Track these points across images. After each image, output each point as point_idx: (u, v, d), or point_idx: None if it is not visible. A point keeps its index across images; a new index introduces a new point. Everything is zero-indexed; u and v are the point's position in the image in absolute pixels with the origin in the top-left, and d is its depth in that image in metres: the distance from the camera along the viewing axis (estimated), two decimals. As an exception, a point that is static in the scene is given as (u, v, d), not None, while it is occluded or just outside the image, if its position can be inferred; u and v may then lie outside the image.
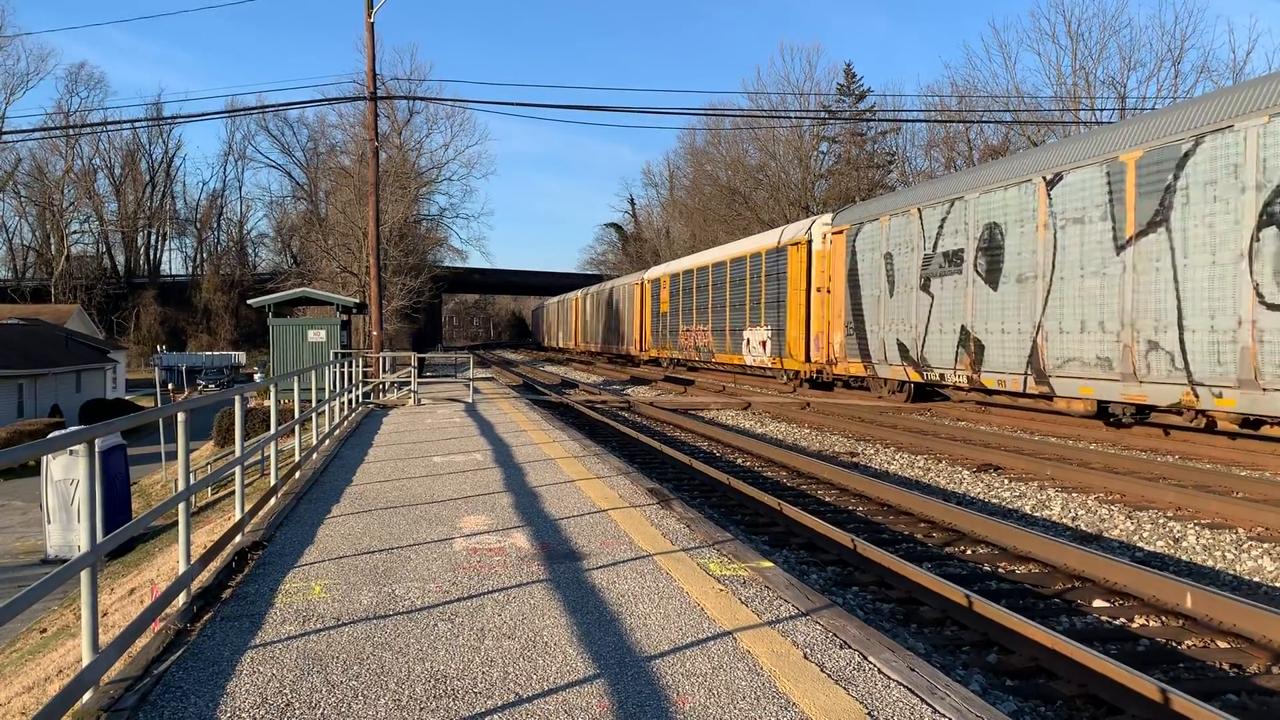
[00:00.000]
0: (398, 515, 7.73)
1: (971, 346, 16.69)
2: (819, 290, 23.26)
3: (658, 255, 71.74)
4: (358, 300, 32.00)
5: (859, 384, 23.26)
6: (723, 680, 4.05)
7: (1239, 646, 5.76)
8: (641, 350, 42.77)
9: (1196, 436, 14.21)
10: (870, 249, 20.68)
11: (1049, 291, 14.62)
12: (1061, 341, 14.26)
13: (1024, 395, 15.84)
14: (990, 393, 17.29)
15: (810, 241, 23.86)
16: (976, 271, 16.63)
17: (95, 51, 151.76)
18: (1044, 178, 14.83)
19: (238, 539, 6.82)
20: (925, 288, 18.31)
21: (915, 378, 19.04)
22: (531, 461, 10.85)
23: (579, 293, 61.56)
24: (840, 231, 22.24)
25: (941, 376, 17.87)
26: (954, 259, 17.39)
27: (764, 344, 26.57)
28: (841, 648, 4.47)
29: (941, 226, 17.87)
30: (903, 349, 19.12)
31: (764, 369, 27.68)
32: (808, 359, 23.87)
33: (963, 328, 16.97)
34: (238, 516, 7.09)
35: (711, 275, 31.82)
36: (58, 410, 42.10)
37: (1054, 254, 14.50)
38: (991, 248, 16.24)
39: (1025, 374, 15.16)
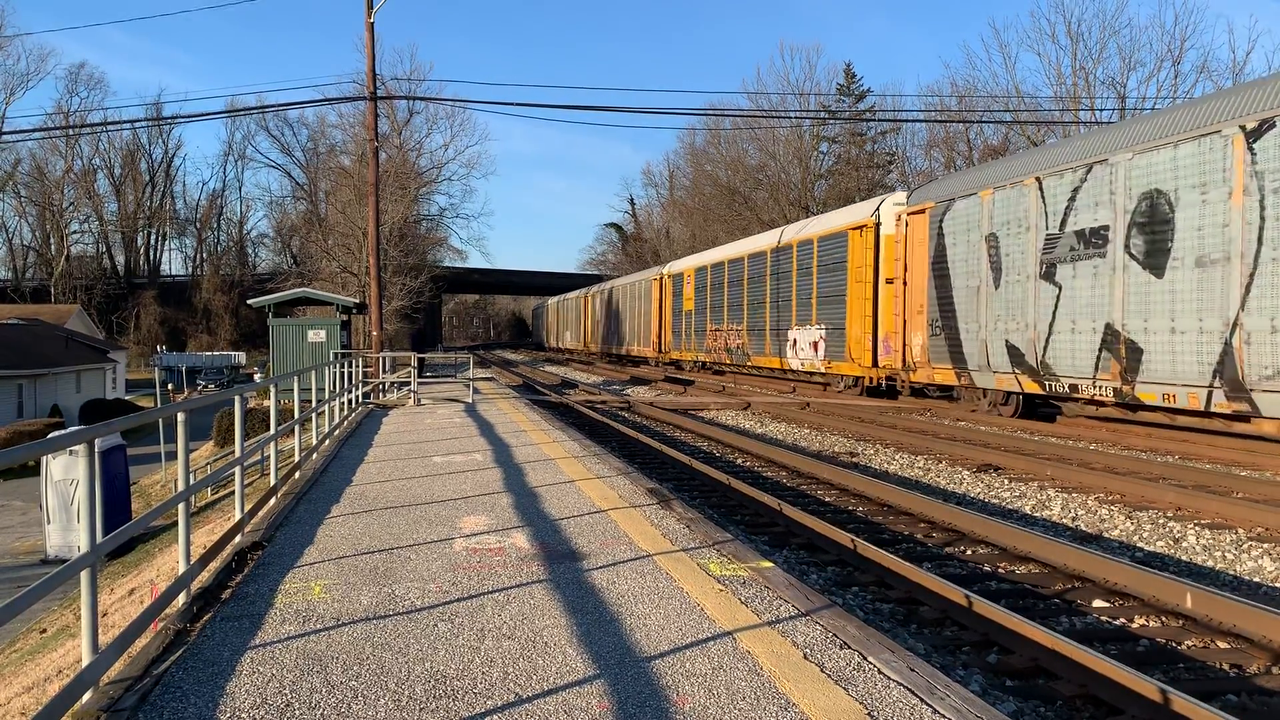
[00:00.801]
0: (398, 515, 7.73)
1: (1121, 350, 13.38)
2: (890, 282, 20.02)
3: (658, 255, 71.73)
4: (358, 300, 32.02)
5: (944, 394, 20.24)
6: (722, 680, 4.05)
7: (1239, 646, 5.76)
8: (660, 352, 39.58)
9: (1196, 436, 14.20)
10: (964, 230, 17.28)
11: (1252, 278, 11.34)
12: (1275, 344, 11.07)
13: (1206, 414, 12.53)
14: (1148, 409, 13.85)
15: (878, 225, 20.52)
16: (1130, 254, 13.29)
17: (95, 51, 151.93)
18: (1242, 127, 11.52)
19: (238, 539, 6.82)
20: (1049, 276, 15.06)
21: (1032, 388, 15.65)
22: (531, 461, 10.85)
23: (583, 291, 60.13)
24: (920, 211, 18.73)
25: (1073, 388, 14.58)
26: (1093, 239, 14.02)
27: (815, 345, 23.42)
28: (841, 648, 4.47)
29: (1074, 199, 14.53)
30: (1014, 353, 15.83)
31: (814, 374, 24.61)
32: (874, 363, 20.68)
33: (1108, 326, 13.70)
34: (238, 517, 7.09)
35: (748, 268, 28.61)
36: (58, 410, 42.09)
37: (1260, 228, 11.27)
38: (1153, 222, 12.90)
39: (1210, 386, 11.89)
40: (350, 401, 17.54)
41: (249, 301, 32.41)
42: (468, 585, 5.59)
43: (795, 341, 24.85)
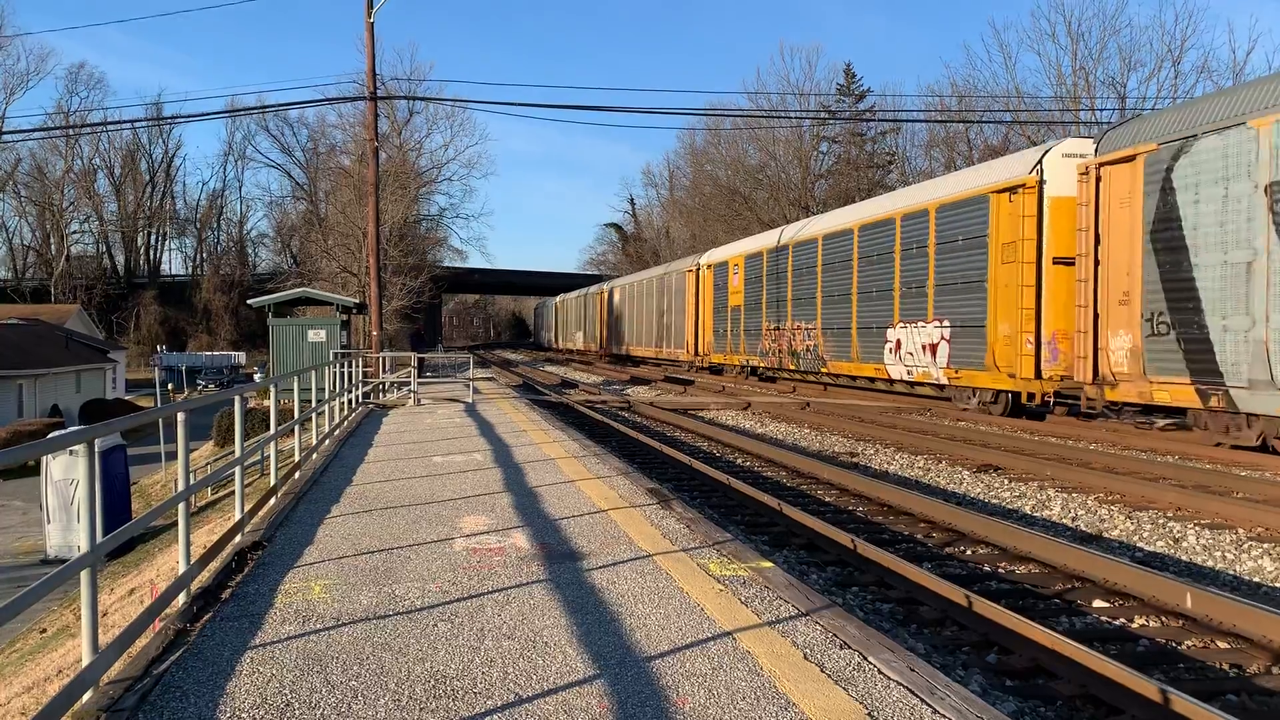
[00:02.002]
0: (398, 515, 7.73)
1: None
2: (1064, 262, 15.30)
3: (657, 255, 71.75)
4: (358, 300, 32.02)
5: (1171, 416, 14.94)
6: (723, 680, 4.05)
7: (1239, 646, 5.76)
8: (697, 354, 34.35)
9: (1197, 436, 14.19)
10: (1217, 179, 12.15)
11: None
12: None
13: None
14: None
15: (1042, 184, 15.56)
16: None
17: (95, 51, 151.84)
18: None
19: (237, 539, 6.82)
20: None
21: None
22: (531, 461, 10.85)
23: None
24: (1127, 159, 13.69)
25: None
26: None
27: (930, 348, 18.31)
28: (841, 648, 4.47)
29: None
30: None
31: (927, 385, 19.31)
32: (1037, 372, 15.72)
33: None
34: (237, 516, 7.09)
35: (823, 252, 23.61)
36: (58, 410, 42.08)
37: None
38: None
39: None
40: (350, 401, 17.54)
41: (249, 301, 32.40)
42: (468, 585, 5.59)
43: (898, 344, 19.64)
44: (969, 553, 8.25)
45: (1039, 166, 15.83)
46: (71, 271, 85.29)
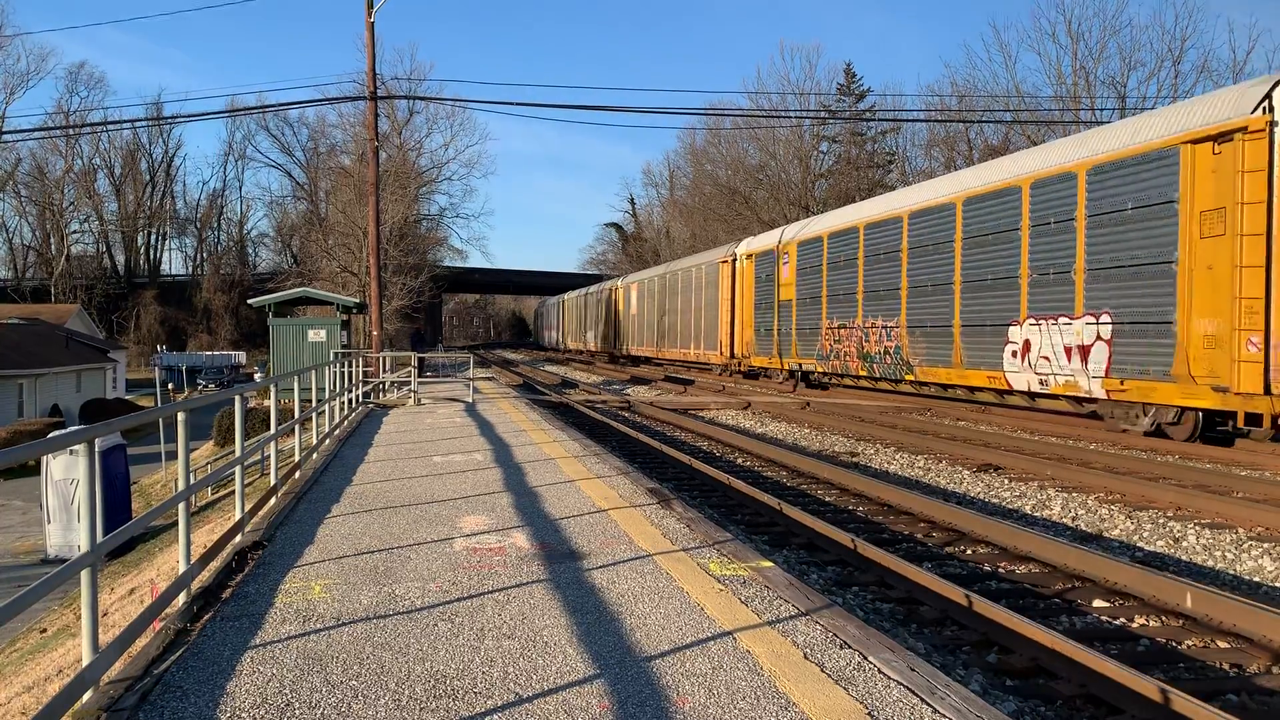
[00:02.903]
0: (398, 515, 7.73)
1: None
2: None
3: (658, 255, 71.73)
4: (358, 300, 32.01)
5: None
6: (723, 680, 4.05)
7: (1239, 646, 5.76)
8: (732, 357, 30.30)
9: (1195, 437, 14.18)
10: None
11: None
12: None
13: None
14: None
15: (1274, 125, 11.39)
16: None
17: (95, 51, 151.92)
18: None
19: (238, 539, 6.82)
20: None
21: None
22: (531, 461, 10.85)
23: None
24: None
25: None
26: None
27: (1080, 351, 14.32)
28: (841, 648, 4.47)
29: None
30: None
31: (1066, 398, 15.51)
32: (1266, 386, 11.32)
33: None
34: (238, 516, 7.09)
35: (909, 233, 19.39)
36: (58, 410, 42.08)
37: None
38: None
39: None
40: (350, 401, 17.54)
41: (249, 301, 32.40)
42: (468, 585, 5.59)
43: (1025, 346, 15.71)
44: (969, 552, 8.25)
45: (1268, 101, 11.45)
46: (71, 271, 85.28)
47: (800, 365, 25.20)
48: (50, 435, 7.19)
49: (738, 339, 29.70)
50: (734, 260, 30.12)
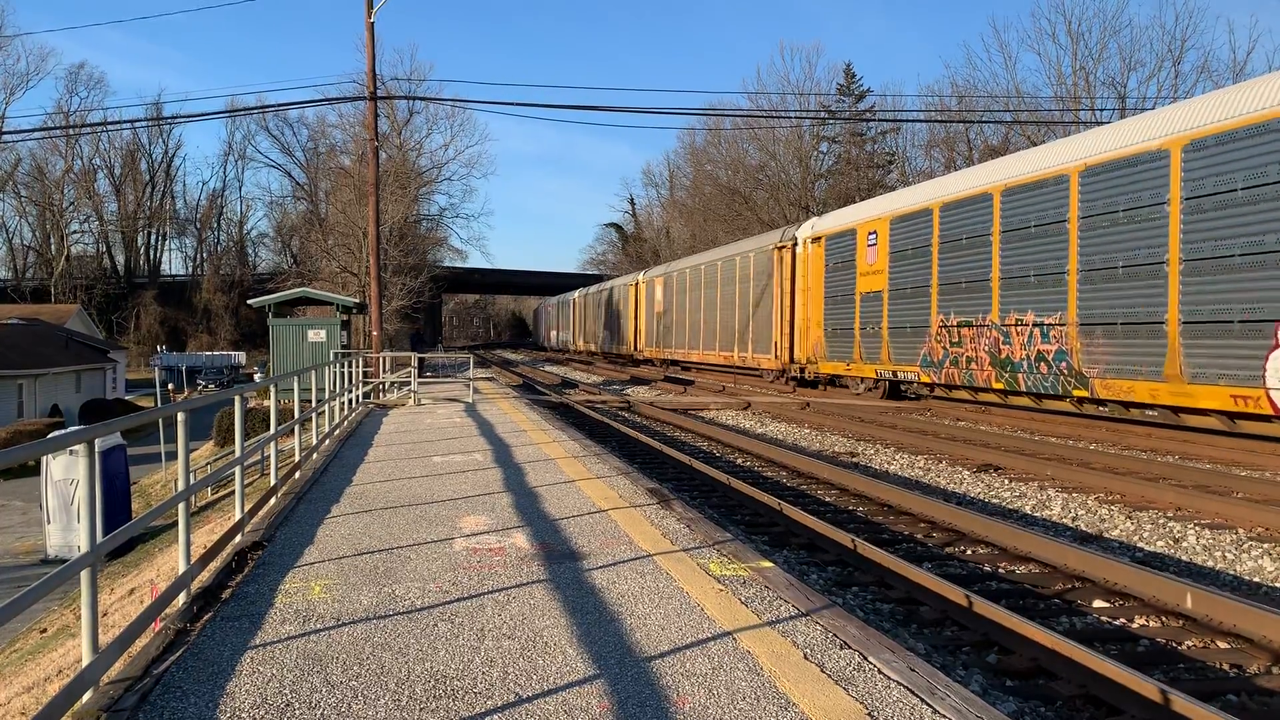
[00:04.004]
0: (398, 515, 7.73)
1: None
2: None
3: (657, 255, 71.74)
4: (358, 300, 32.02)
5: None
6: (723, 680, 4.05)
7: (1239, 646, 5.76)
8: (791, 361, 25.30)
9: (1196, 436, 14.19)
10: None
11: None
12: None
13: None
14: None
15: None
16: None
17: (95, 51, 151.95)
18: None
19: (238, 539, 6.82)
20: None
21: None
22: (531, 461, 10.84)
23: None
24: None
25: None
26: None
27: None
28: (841, 648, 4.47)
29: None
30: None
31: None
32: None
33: None
34: (237, 516, 7.09)
35: (1081, 196, 14.57)
36: (58, 410, 42.09)
37: None
38: None
39: None
40: (350, 401, 17.53)
41: (249, 301, 32.41)
42: (468, 585, 5.59)
43: None
44: (969, 553, 8.25)
45: None
46: (71, 271, 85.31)
47: (895, 373, 20.25)
48: (50, 435, 7.19)
49: (799, 340, 24.93)
50: (792, 245, 25.38)
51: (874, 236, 21.07)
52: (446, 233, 71.34)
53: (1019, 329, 16.23)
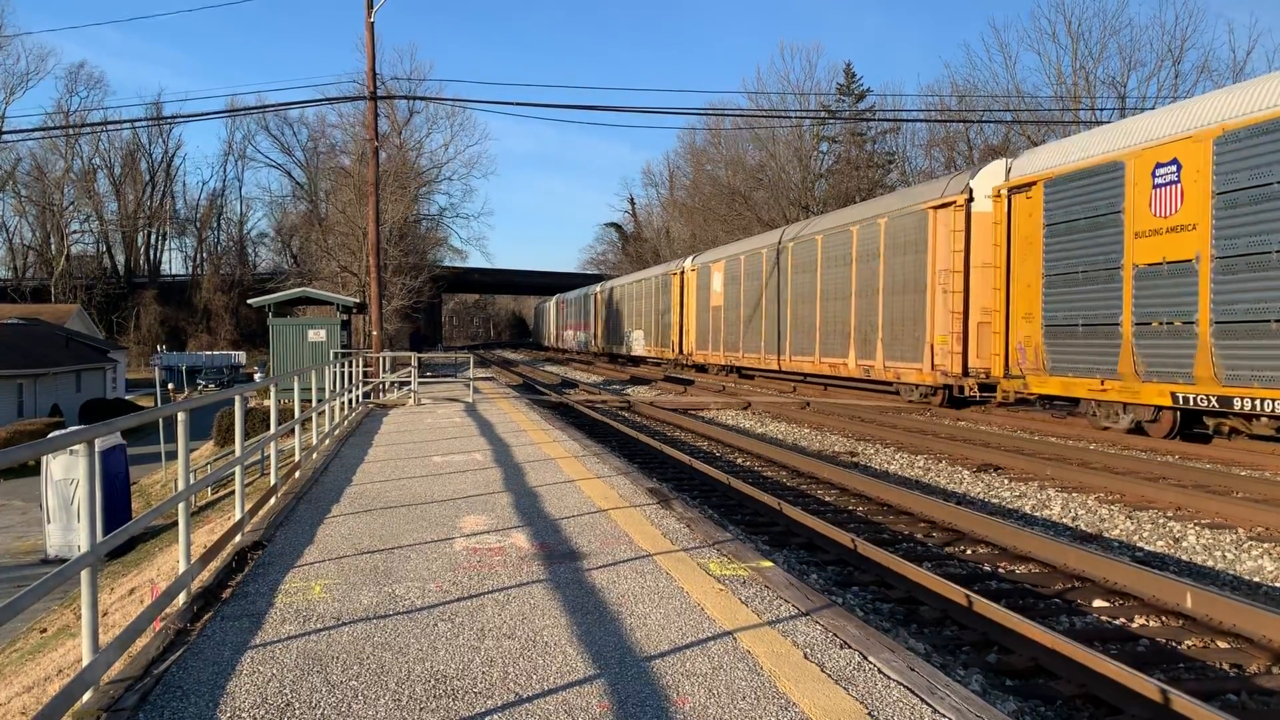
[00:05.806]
0: (398, 515, 7.73)
1: None
2: None
3: (657, 255, 71.73)
4: (358, 300, 32.00)
5: None
6: (723, 680, 4.05)
7: (1239, 646, 5.76)
8: (965, 373, 17.76)
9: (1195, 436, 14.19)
10: None
11: None
12: None
13: None
14: None
15: None
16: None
17: (95, 51, 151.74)
18: None
19: (238, 539, 6.82)
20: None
21: None
22: (531, 461, 10.84)
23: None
24: None
25: None
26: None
27: None
28: (841, 648, 4.47)
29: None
30: None
31: None
32: None
33: None
34: (238, 516, 7.09)
35: None
36: (58, 410, 42.08)
37: None
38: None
39: None
40: (350, 401, 17.53)
41: (249, 301, 32.40)
42: (468, 585, 5.59)
43: None
44: (969, 552, 8.25)
45: None
46: (71, 271, 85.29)
47: (1229, 401, 12.04)
48: (50, 435, 7.19)
49: (976, 341, 17.61)
50: (966, 201, 17.48)
51: (1172, 169, 13.05)
52: (446, 233, 71.54)
53: None
